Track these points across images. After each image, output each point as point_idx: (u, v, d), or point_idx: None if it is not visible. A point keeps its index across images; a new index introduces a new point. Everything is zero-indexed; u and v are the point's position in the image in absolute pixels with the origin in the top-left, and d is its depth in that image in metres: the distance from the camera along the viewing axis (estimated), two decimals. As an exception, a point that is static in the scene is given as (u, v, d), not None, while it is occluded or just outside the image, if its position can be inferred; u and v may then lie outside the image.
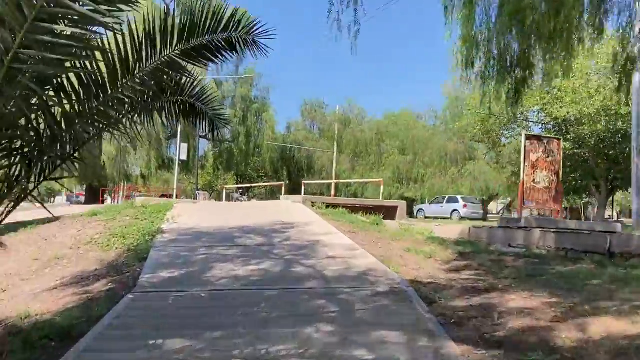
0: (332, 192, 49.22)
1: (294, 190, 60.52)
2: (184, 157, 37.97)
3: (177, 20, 4.57)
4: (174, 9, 4.78)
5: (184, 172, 52.33)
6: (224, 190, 29.64)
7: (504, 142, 33.84)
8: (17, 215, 6.02)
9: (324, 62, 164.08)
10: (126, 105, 4.75)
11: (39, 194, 6.77)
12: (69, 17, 3.37)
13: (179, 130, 38.06)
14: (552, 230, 10.52)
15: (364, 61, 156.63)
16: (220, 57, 4.99)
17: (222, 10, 4.70)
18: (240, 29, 4.79)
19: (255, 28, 4.88)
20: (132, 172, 44.46)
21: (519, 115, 31.15)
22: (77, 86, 4.20)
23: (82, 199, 50.10)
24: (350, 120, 49.51)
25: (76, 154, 4.55)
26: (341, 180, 29.61)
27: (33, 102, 3.95)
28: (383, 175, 41.78)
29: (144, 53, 4.41)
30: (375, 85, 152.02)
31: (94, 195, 44.86)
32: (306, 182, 25.68)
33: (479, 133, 32.71)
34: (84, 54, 3.88)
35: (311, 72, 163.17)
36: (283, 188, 25.75)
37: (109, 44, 4.19)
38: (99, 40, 4.07)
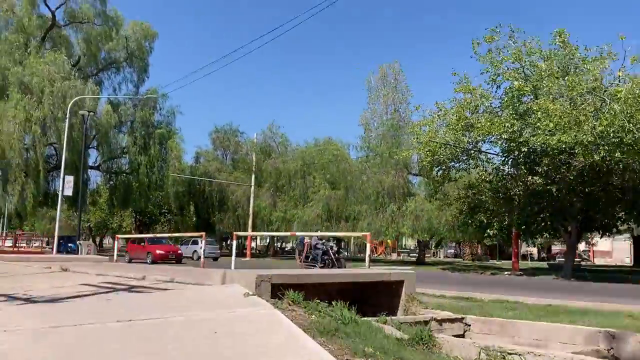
0: (249, 229, 43.33)
1: (203, 229, 53.64)
2: (68, 192, 30.33)
3: None
4: None
5: (72, 209, 43.89)
6: (116, 242, 21.58)
7: (454, 176, 29.95)
8: None
9: (239, 85, 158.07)
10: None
11: None
12: None
13: (64, 159, 30.49)
14: None
15: (285, 86, 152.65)
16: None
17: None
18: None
19: None
20: (1, 210, 35.68)
21: (470, 145, 27.36)
22: None
23: None
24: (271, 150, 43.99)
25: None
26: (313, 234, 23.81)
27: None
28: (312, 212, 36.53)
29: None
30: (298, 112, 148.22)
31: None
32: (239, 233, 19.90)
33: (427, 165, 28.49)
34: None
35: (223, 95, 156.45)
36: (202, 238, 19.05)
37: None
38: None
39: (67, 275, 10.37)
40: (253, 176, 43.10)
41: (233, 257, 14.71)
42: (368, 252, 10.64)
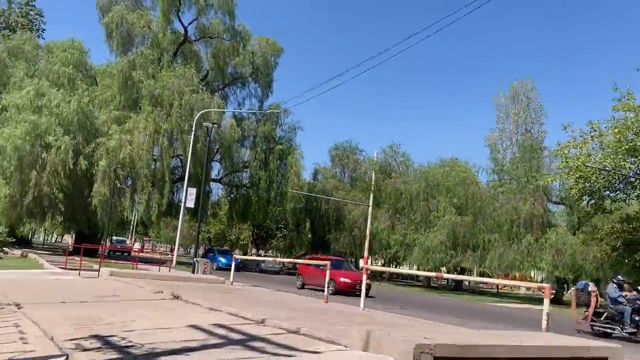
0: (365, 253, 41.37)
1: (319, 247, 52.56)
2: (190, 204, 30.40)
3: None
4: None
5: (193, 219, 44.81)
6: (233, 261, 18.50)
7: (608, 207, 25.78)
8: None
9: (359, 102, 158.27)
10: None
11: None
12: None
13: (187, 171, 30.61)
14: None
15: (409, 104, 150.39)
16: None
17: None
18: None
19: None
20: (128, 217, 36.90)
21: (632, 172, 23.24)
22: None
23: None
24: (391, 169, 41.79)
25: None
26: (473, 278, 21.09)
27: None
28: (435, 238, 33.69)
29: None
30: (421, 131, 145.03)
31: (83, 240, 37.35)
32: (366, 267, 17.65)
33: (576, 194, 24.68)
34: None
35: (344, 112, 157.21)
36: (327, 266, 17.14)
37: None
38: None
39: (177, 307, 8.98)
40: (372, 196, 41.12)
41: (362, 296, 12.07)
42: (546, 309, 7.85)
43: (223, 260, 38.12)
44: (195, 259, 18.16)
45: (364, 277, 12.13)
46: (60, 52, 35.86)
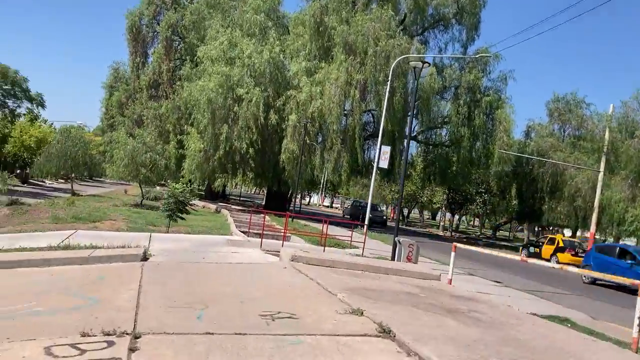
0: (592, 228, 33.75)
1: (528, 216, 45.56)
2: (384, 164, 26.53)
3: None
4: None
5: (384, 179, 41.38)
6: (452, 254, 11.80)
7: None
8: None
9: (585, 46, 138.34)
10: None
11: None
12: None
13: (381, 127, 26.76)
14: None
15: None
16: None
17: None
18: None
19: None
20: (318, 176, 34.66)
21: None
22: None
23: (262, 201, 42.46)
24: (635, 126, 32.92)
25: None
26: None
27: None
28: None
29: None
30: None
31: (276, 201, 36.52)
32: None
33: None
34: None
35: (562, 59, 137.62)
36: None
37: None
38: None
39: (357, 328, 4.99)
40: (603, 159, 33.02)
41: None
42: None
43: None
44: (397, 239, 14.14)
45: None
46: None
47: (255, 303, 6.82)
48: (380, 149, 27.15)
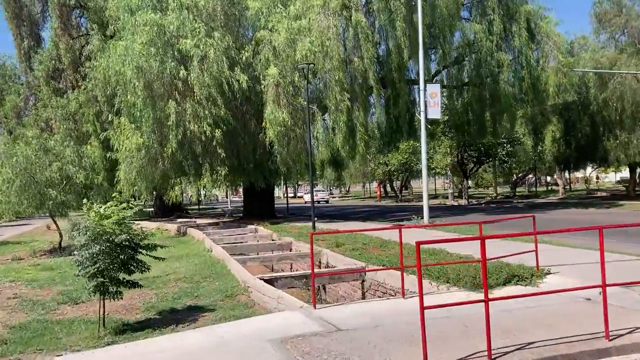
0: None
1: (581, 160, 36.05)
2: (435, 113, 17.66)
3: None
4: None
5: (385, 147, 31.12)
6: None
7: None
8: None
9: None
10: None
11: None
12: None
13: (421, 54, 16.39)
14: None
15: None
16: None
17: None
18: None
19: None
20: (322, 156, 24.41)
21: None
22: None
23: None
24: None
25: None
26: None
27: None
28: None
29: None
30: None
31: (260, 202, 26.33)
32: None
33: None
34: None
35: None
36: None
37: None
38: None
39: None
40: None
41: None
42: None
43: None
44: None
45: None
46: None
47: None
48: (425, 91, 17.12)
